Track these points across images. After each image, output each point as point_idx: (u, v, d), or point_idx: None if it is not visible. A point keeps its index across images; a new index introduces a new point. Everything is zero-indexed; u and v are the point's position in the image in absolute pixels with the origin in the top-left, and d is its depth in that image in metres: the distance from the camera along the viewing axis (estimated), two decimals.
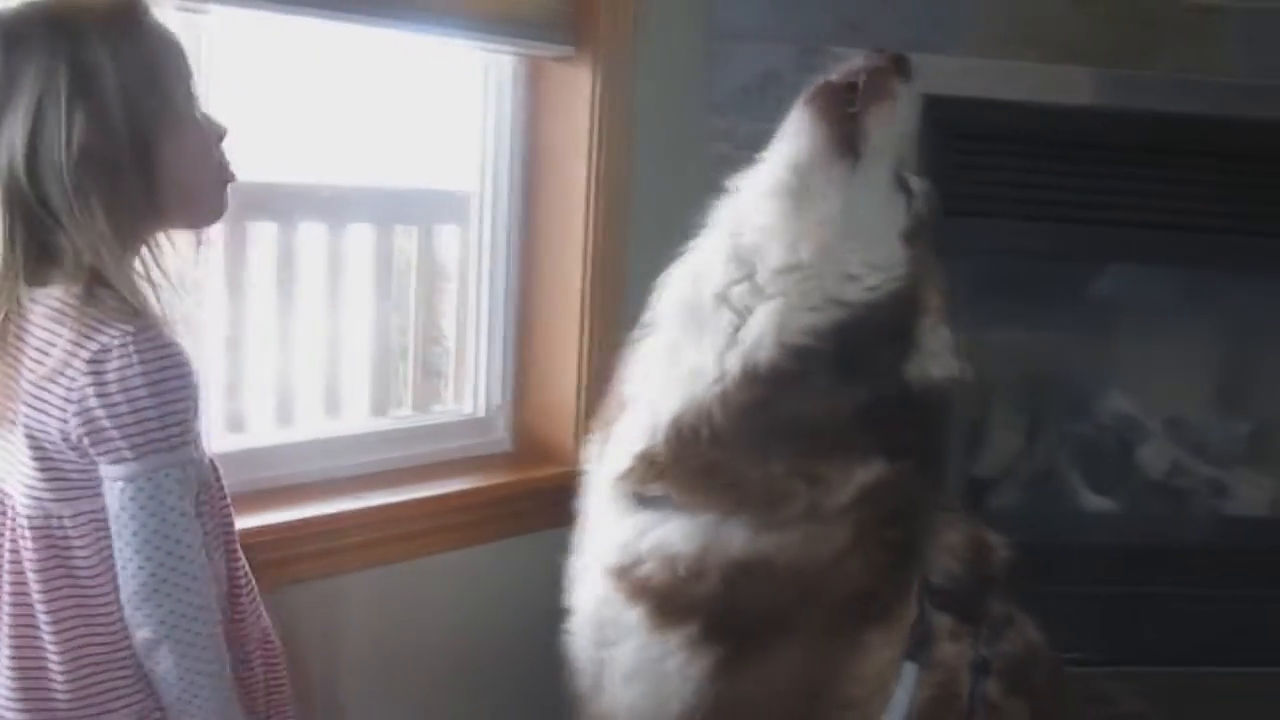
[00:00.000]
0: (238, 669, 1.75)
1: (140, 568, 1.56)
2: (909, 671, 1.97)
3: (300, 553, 2.22)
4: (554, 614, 2.15)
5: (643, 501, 1.97)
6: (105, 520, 1.58)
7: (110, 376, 1.52)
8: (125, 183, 1.56)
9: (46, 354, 1.55)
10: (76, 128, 1.52)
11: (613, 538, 2.00)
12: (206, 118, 1.69)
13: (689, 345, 1.97)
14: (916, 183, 2.11)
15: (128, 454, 1.54)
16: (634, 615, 1.95)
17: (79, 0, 1.57)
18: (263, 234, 2.47)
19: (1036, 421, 3.80)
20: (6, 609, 1.61)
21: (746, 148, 2.95)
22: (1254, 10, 3.23)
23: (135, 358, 1.53)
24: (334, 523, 2.32)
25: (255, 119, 2.36)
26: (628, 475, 1.98)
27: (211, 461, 1.76)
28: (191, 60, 1.68)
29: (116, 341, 1.53)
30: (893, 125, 2.02)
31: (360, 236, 2.66)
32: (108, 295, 1.56)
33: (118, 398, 1.52)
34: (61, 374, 1.53)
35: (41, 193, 1.54)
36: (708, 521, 1.92)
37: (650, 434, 1.96)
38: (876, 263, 1.97)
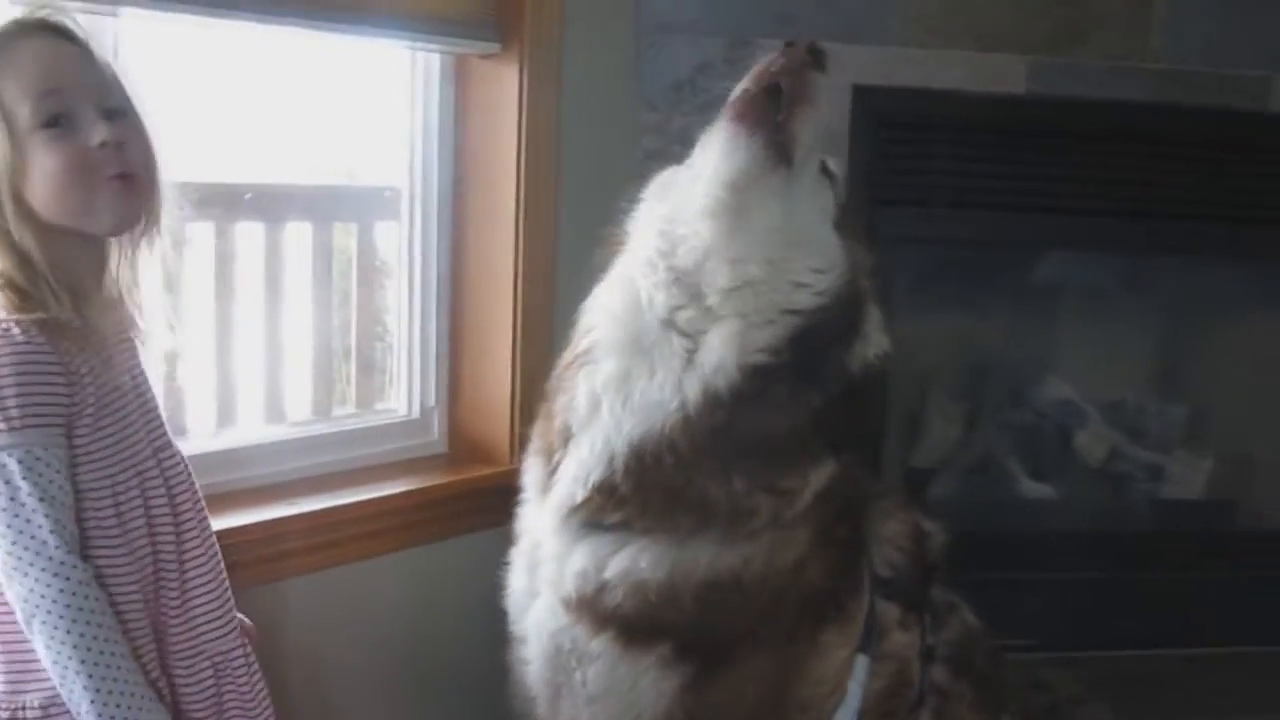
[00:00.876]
0: (177, 672, 1.78)
1: (0, 538, 1.63)
2: (860, 664, 1.98)
3: (240, 559, 2.19)
4: (494, 613, 2.14)
5: (597, 528, 1.92)
6: None
7: None
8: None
9: None
10: None
11: (568, 567, 1.95)
12: (70, 130, 1.70)
13: (641, 376, 1.92)
14: (834, 165, 2.08)
15: None
16: (600, 642, 1.93)
17: None
18: (202, 234, 2.45)
19: (975, 410, 3.82)
20: None
21: (678, 142, 2.96)
22: None
23: None
24: (274, 529, 2.30)
25: (190, 120, 2.34)
26: (583, 506, 1.92)
27: (162, 457, 1.81)
28: (45, 75, 1.70)
29: None
30: (819, 124, 1.98)
31: (298, 234, 2.64)
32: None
33: None
34: None
35: None
36: (670, 543, 1.89)
37: (607, 464, 1.90)
38: (821, 264, 1.94)
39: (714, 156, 1.95)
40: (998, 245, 3.53)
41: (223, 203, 2.48)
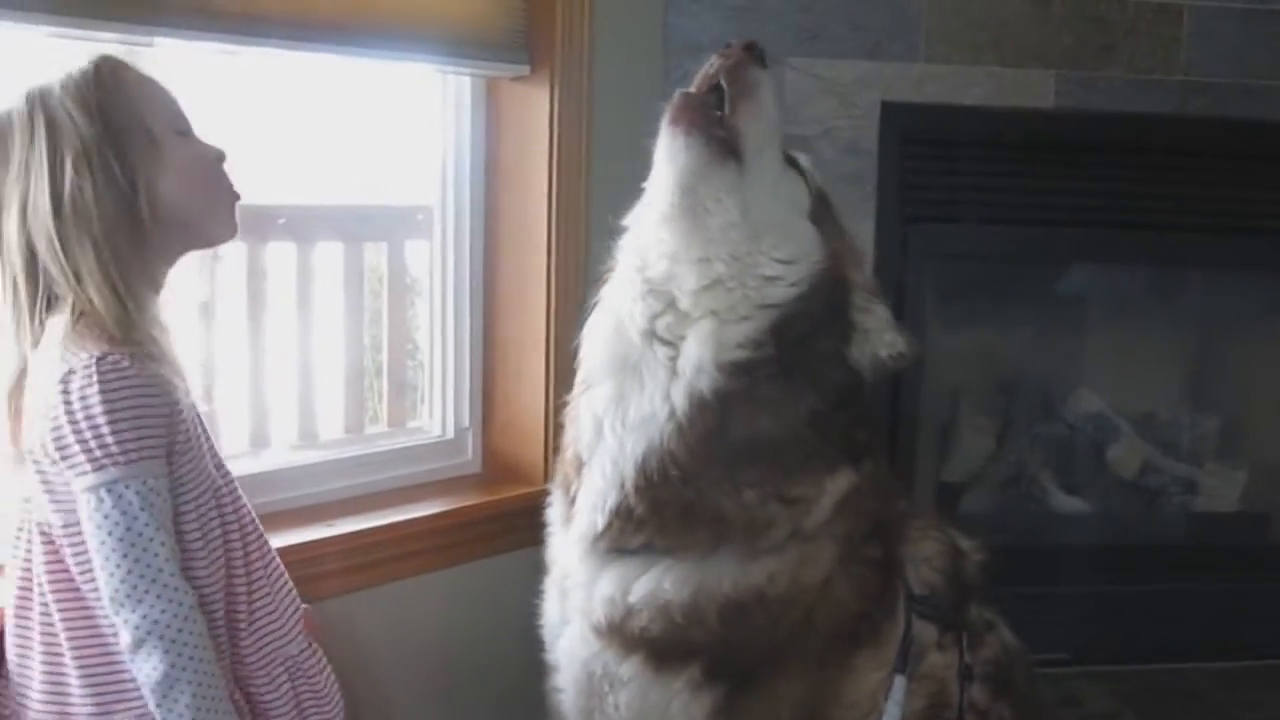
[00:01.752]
0: (255, 682, 1.83)
1: (111, 574, 1.65)
2: (898, 685, 1.97)
3: None
4: (529, 633, 2.15)
5: (622, 553, 1.93)
6: None
7: (73, 396, 1.64)
8: (113, 225, 1.69)
9: (40, 383, 1.68)
10: (60, 182, 1.67)
11: (595, 593, 1.95)
12: (200, 143, 1.83)
13: (633, 393, 1.93)
14: (803, 159, 2.08)
15: (88, 467, 1.65)
16: (630, 666, 1.93)
17: (51, 76, 1.72)
18: (234, 254, 2.47)
19: (1007, 424, 3.81)
20: (37, 610, 1.74)
21: None
22: (1208, 9, 3.25)
23: (95, 379, 1.64)
24: (309, 551, 2.30)
25: (224, 142, 2.36)
26: (605, 534, 1.93)
27: (222, 473, 1.86)
28: (174, 94, 1.82)
29: (81, 364, 1.65)
30: (765, 115, 1.97)
31: (330, 254, 2.66)
32: (90, 324, 1.68)
33: (79, 415, 1.64)
34: (45, 396, 1.66)
35: (34, 249, 1.69)
36: (694, 562, 1.89)
37: (619, 488, 1.91)
38: (791, 255, 1.93)
39: (660, 162, 1.96)
40: (1027, 259, 3.54)
41: (255, 224, 2.50)
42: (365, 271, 2.73)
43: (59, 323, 1.69)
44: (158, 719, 1.68)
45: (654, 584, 1.90)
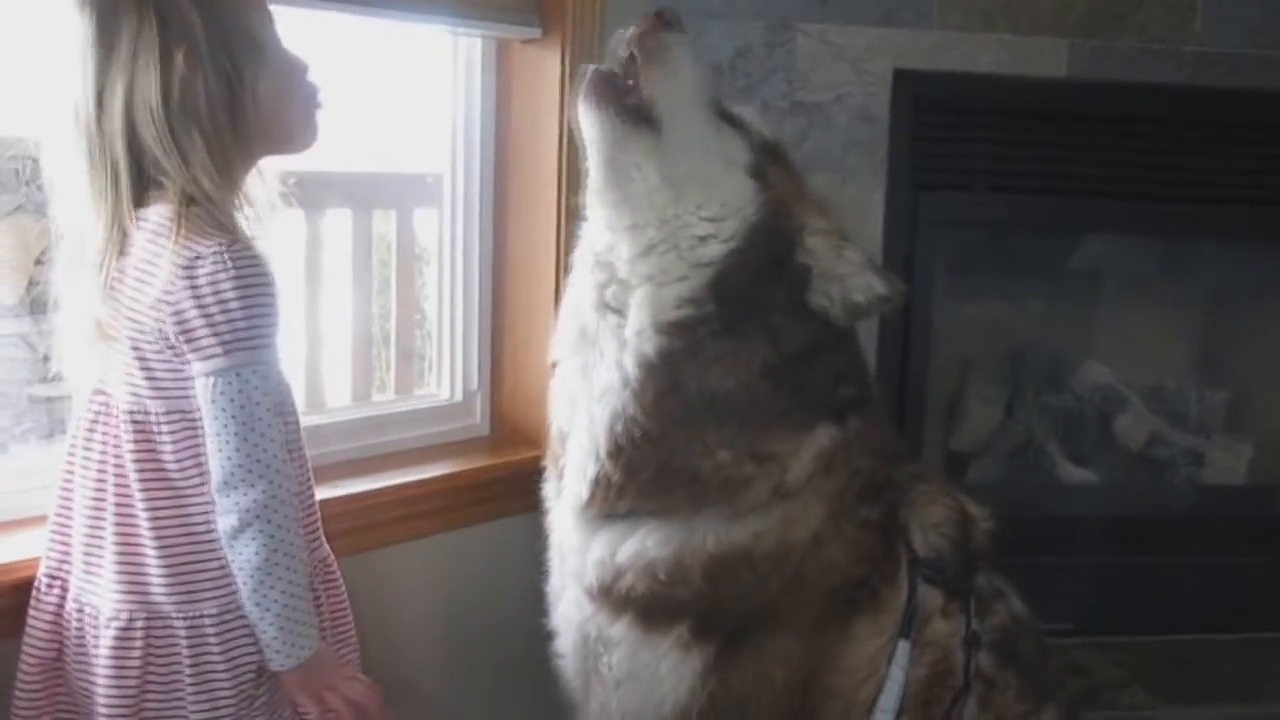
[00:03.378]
0: None
1: (229, 457, 1.70)
2: (902, 649, 1.97)
3: None
4: (536, 594, 2.17)
5: (610, 519, 1.97)
6: (193, 418, 1.73)
7: (202, 281, 1.67)
8: (220, 119, 1.72)
9: (148, 269, 1.70)
10: (170, 75, 1.68)
11: (587, 558, 2.00)
12: (290, 52, 1.86)
13: (595, 364, 1.98)
14: (748, 113, 2.10)
15: (217, 351, 1.68)
16: (621, 627, 1.96)
17: None
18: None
19: (1015, 394, 3.81)
20: (112, 500, 1.76)
21: None
22: None
23: (228, 263, 1.67)
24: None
25: None
26: (590, 502, 1.97)
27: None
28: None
29: (210, 251, 1.67)
30: (678, 77, 1.98)
31: (338, 221, 2.65)
32: (202, 213, 1.71)
33: (209, 300, 1.67)
34: (161, 282, 1.68)
35: (140, 137, 1.69)
36: (678, 523, 1.92)
37: (595, 458, 1.95)
38: (720, 212, 1.94)
39: (586, 141, 2.01)
40: (1038, 229, 3.53)
41: None
42: (374, 239, 2.73)
43: (162, 211, 1.70)
44: (249, 606, 1.73)
45: (639, 545, 1.94)
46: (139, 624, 1.74)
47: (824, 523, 1.95)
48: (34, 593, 1.83)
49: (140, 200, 1.72)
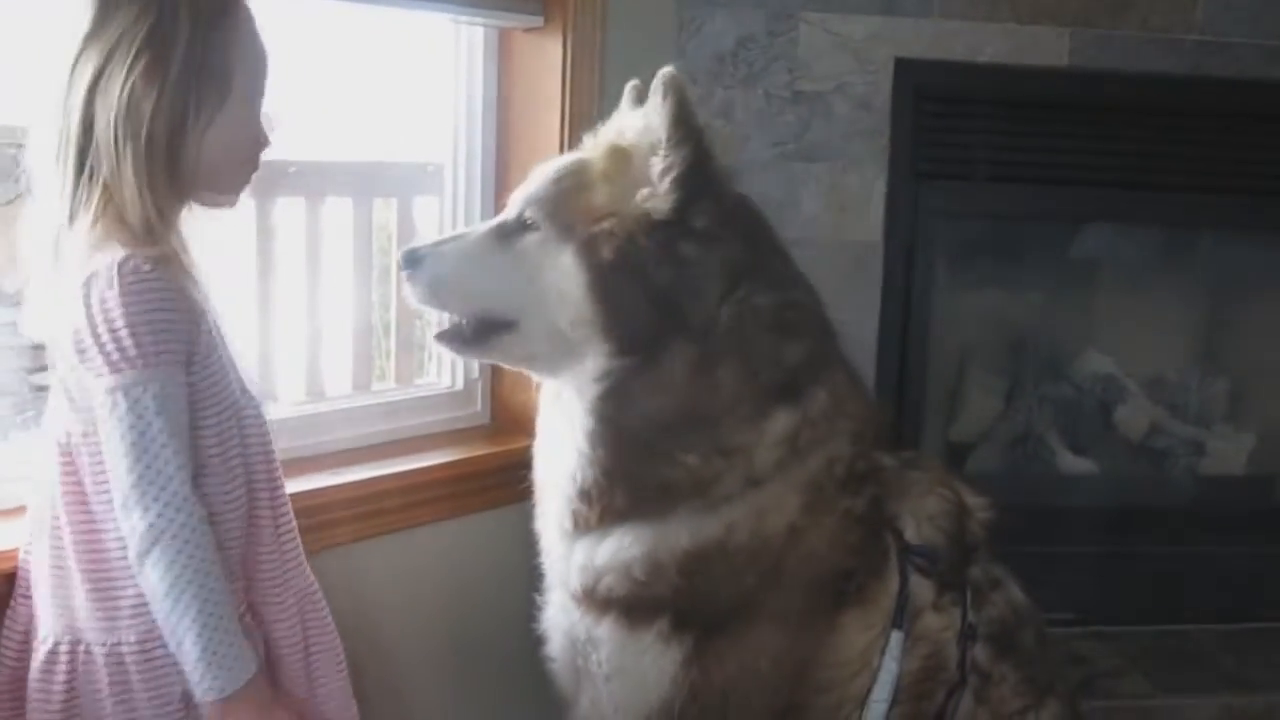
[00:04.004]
0: (269, 608, 1.85)
1: (122, 478, 1.65)
2: (895, 640, 1.98)
3: None
4: (535, 582, 2.19)
5: (589, 527, 1.99)
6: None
7: (93, 298, 1.63)
8: (158, 141, 1.68)
9: (68, 288, 1.67)
10: (133, 79, 1.66)
11: (570, 564, 2.03)
12: (257, 121, 1.82)
13: (564, 388, 2.04)
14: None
15: (105, 369, 1.64)
16: (605, 627, 2.00)
17: None
18: (243, 209, 2.45)
19: (1015, 384, 3.81)
20: (48, 521, 1.75)
21: (720, 115, 2.98)
22: None
23: (115, 281, 1.62)
24: (317, 498, 2.30)
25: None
26: (574, 519, 2.00)
27: (248, 398, 1.85)
28: (269, 68, 1.82)
29: (103, 266, 1.64)
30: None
31: (339, 209, 2.65)
32: (116, 230, 1.67)
33: (97, 317, 1.63)
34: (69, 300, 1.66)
35: (92, 123, 1.67)
36: (655, 523, 1.94)
37: (571, 478, 1.99)
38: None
39: None
40: (1039, 219, 3.53)
41: (264, 178, 2.49)
42: (374, 228, 2.72)
43: (84, 222, 1.67)
44: (165, 633, 1.68)
45: (616, 546, 1.97)
46: (64, 649, 1.73)
47: (801, 513, 1.96)
48: (9, 610, 1.82)
49: (85, 199, 1.69)
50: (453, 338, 2.10)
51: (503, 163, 2.77)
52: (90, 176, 1.68)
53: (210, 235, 1.85)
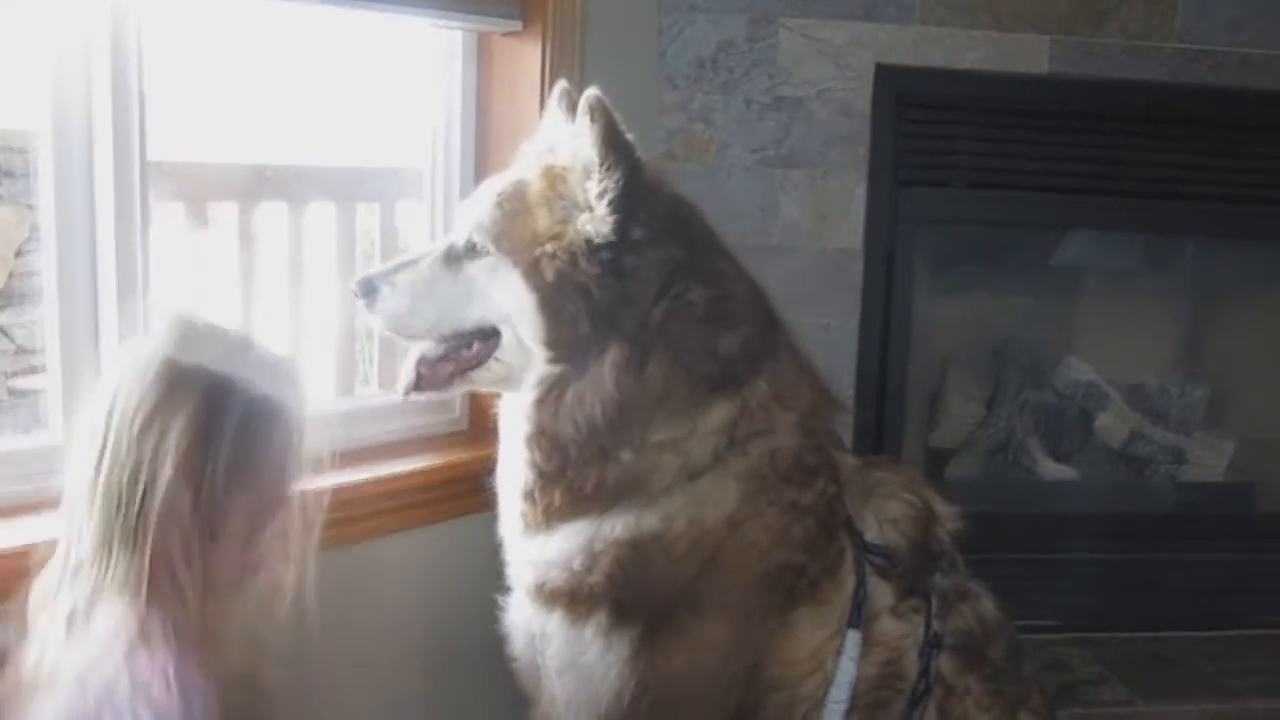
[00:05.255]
0: None
1: None
2: (852, 640, 1.98)
3: None
4: (508, 588, 2.18)
5: (540, 526, 2.02)
6: None
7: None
8: (191, 529, 1.63)
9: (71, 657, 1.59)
10: (173, 470, 1.60)
11: (524, 561, 2.07)
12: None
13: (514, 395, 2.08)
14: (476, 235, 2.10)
15: None
16: (553, 622, 2.02)
17: (242, 382, 1.67)
18: (225, 214, 2.46)
19: (996, 390, 3.82)
20: None
21: (700, 120, 2.98)
22: None
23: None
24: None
25: (214, 101, 2.36)
26: (522, 519, 2.04)
27: None
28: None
29: (124, 690, 1.54)
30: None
31: (321, 215, 2.65)
32: (156, 623, 1.60)
33: None
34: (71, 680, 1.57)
35: (144, 506, 1.61)
36: (595, 518, 1.97)
37: (516, 480, 2.04)
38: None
39: None
40: (1019, 225, 3.53)
41: (246, 183, 2.49)
42: (357, 233, 2.72)
43: (121, 604, 1.60)
44: None
45: (561, 542, 2.00)
46: None
47: (740, 504, 1.96)
48: None
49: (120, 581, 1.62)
50: (425, 385, 2.13)
51: (482, 167, 2.76)
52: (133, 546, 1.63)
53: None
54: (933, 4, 3.09)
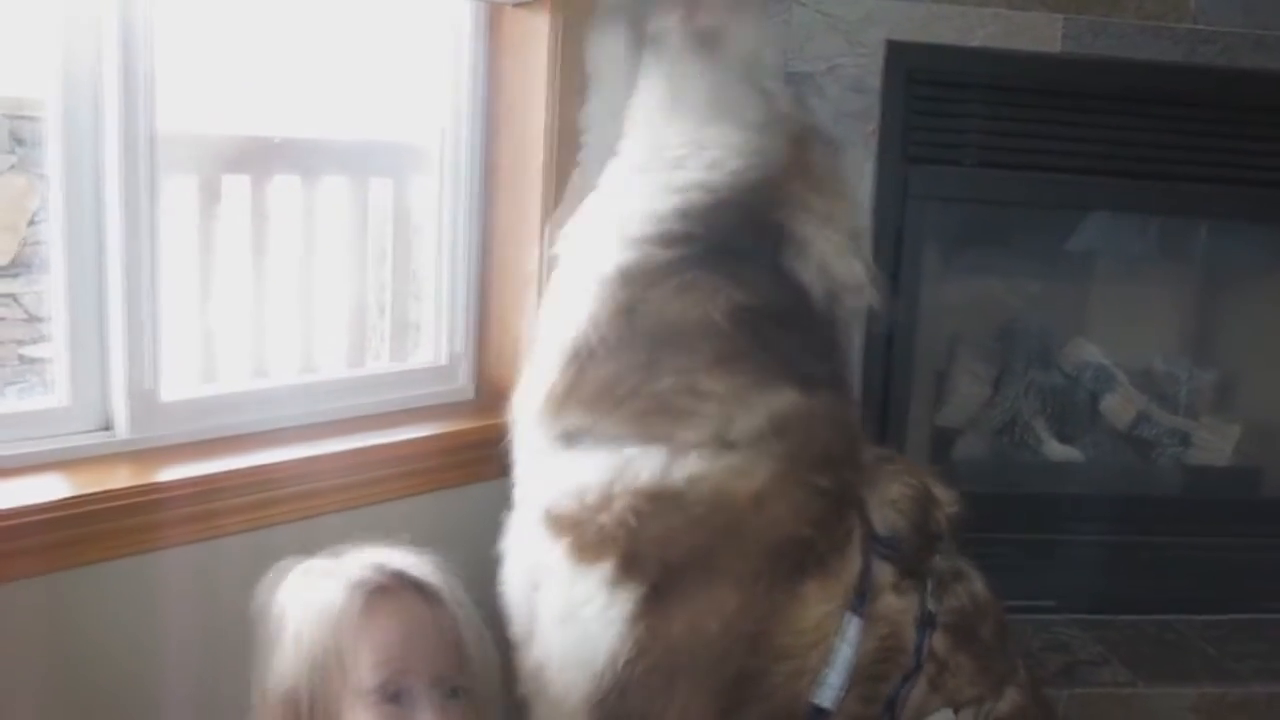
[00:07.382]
0: None
1: None
2: (852, 625, 1.97)
3: (274, 496, 2.27)
4: None
5: (568, 441, 1.99)
6: None
7: None
8: None
9: None
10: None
11: (540, 480, 2.03)
12: (403, 709, 1.77)
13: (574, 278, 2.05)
14: (778, 87, 2.13)
15: None
16: (557, 552, 1.96)
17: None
18: (238, 187, 2.47)
19: (1003, 371, 3.81)
20: None
21: None
22: None
23: None
24: (300, 468, 2.33)
25: (228, 73, 2.36)
26: (539, 415, 2.01)
27: None
28: (398, 646, 1.80)
29: None
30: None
31: (334, 188, 2.65)
32: None
33: None
34: None
35: None
36: (615, 449, 1.93)
37: (550, 370, 2.01)
38: (714, 145, 2.00)
39: None
40: (1029, 205, 3.52)
41: (259, 156, 2.49)
42: (370, 207, 2.72)
43: None
44: None
45: (576, 465, 1.97)
46: None
47: (769, 483, 1.95)
48: None
49: None
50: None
51: (492, 140, 2.77)
52: None
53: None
54: None
